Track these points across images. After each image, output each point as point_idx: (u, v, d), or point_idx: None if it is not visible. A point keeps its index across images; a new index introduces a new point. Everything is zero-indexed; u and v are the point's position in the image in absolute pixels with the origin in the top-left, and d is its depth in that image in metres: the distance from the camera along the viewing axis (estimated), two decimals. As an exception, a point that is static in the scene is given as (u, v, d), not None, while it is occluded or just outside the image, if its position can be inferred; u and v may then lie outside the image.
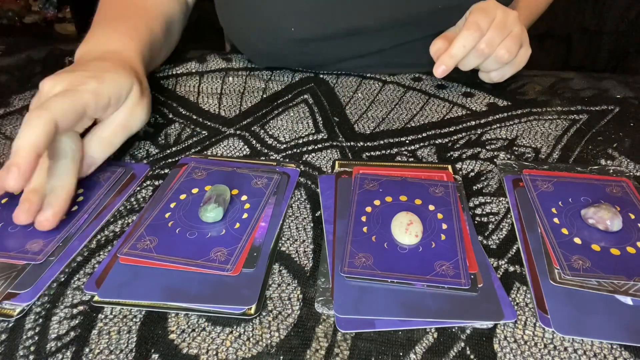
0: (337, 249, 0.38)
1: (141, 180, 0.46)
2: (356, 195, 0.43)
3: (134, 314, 0.34)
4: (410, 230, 0.38)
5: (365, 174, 0.45)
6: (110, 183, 0.45)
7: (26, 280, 0.36)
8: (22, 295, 0.35)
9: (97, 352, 0.31)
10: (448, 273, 0.35)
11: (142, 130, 0.52)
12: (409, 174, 0.46)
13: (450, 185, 0.44)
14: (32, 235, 0.39)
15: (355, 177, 0.45)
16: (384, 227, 0.39)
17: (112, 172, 0.46)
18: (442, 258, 0.37)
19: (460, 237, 0.39)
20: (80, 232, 0.40)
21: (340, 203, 0.42)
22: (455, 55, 0.54)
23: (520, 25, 0.56)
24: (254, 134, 0.52)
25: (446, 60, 0.54)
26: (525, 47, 0.57)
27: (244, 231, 0.39)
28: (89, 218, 0.41)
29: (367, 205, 0.42)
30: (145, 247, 0.38)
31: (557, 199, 0.42)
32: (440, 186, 0.44)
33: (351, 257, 0.37)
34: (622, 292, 0.34)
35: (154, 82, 0.61)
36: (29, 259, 0.37)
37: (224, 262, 0.36)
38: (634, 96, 0.59)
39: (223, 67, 0.64)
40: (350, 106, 0.56)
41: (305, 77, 0.62)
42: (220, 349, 0.32)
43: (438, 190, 0.43)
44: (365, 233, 0.39)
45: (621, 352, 0.31)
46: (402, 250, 0.37)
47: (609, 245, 0.37)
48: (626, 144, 0.50)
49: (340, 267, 0.36)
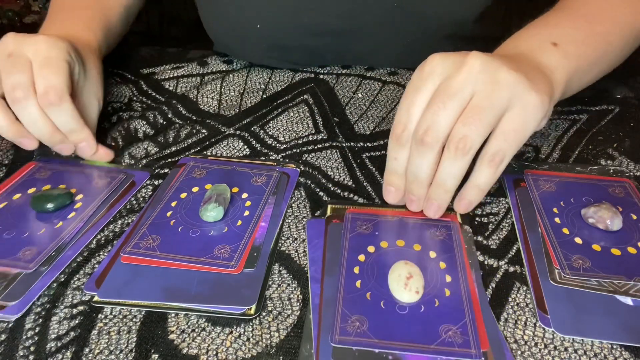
0: (326, 313, 0.33)
1: (140, 187, 0.45)
2: (347, 241, 0.38)
3: (133, 314, 0.34)
4: (410, 286, 0.33)
5: (357, 214, 0.41)
6: (109, 190, 0.44)
7: (16, 292, 0.35)
8: (10, 308, 0.34)
9: (97, 352, 0.31)
10: (456, 340, 0.31)
11: (142, 130, 0.52)
12: (408, 214, 0.40)
13: (452, 226, 0.39)
14: (27, 242, 0.38)
15: (346, 217, 0.40)
16: (379, 280, 0.35)
17: (112, 179, 0.45)
18: (447, 320, 0.32)
19: (467, 293, 0.34)
20: (75, 241, 0.39)
21: (330, 255, 0.37)
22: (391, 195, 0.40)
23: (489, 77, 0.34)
24: (254, 134, 0.52)
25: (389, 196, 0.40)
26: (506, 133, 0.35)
27: (246, 229, 0.39)
28: (84, 227, 0.40)
29: (359, 252, 0.37)
30: (148, 245, 0.38)
31: (559, 199, 0.42)
32: (441, 227, 0.39)
33: (343, 321, 0.32)
34: (622, 292, 0.34)
35: (154, 82, 0.61)
36: (21, 267, 0.36)
37: (228, 259, 0.36)
38: (634, 96, 0.59)
39: (224, 69, 0.64)
40: (350, 106, 0.56)
41: (305, 77, 0.62)
42: (220, 349, 0.32)
43: (439, 233, 0.38)
44: (358, 289, 0.34)
45: (621, 352, 0.31)
46: (401, 310, 0.33)
47: (610, 245, 0.37)
48: (626, 144, 0.50)
49: (331, 335, 0.31)
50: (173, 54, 0.68)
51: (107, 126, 0.53)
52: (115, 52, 0.62)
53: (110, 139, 0.51)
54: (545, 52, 0.40)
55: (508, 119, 0.34)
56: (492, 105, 0.34)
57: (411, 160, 0.36)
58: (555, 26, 0.44)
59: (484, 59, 0.34)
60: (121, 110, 0.56)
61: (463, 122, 0.34)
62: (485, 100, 0.34)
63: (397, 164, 0.38)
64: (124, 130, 0.53)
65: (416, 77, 0.36)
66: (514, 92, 0.34)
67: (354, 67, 0.64)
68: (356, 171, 0.47)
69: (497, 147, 0.35)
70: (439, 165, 0.35)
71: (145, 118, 0.54)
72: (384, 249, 0.37)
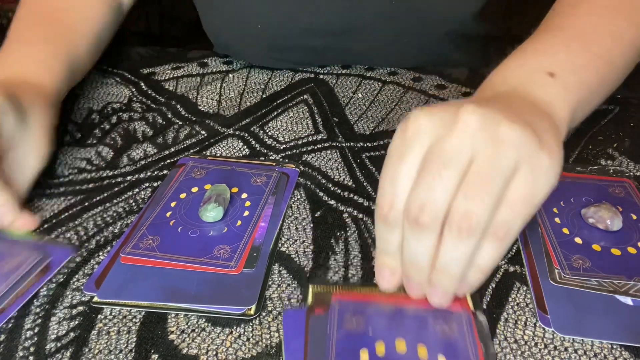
0: None
1: (56, 272, 0.37)
2: (334, 344, 0.30)
3: (133, 315, 0.34)
4: None
5: (346, 303, 0.33)
6: (16, 277, 0.35)
7: None
8: None
9: (96, 353, 0.31)
10: None
11: (141, 131, 0.52)
12: (407, 300, 0.33)
13: (464, 317, 0.32)
14: None
15: (332, 307, 0.33)
16: None
17: (23, 260, 0.37)
18: None
19: None
20: None
21: None
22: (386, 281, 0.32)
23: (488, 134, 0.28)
24: (253, 135, 0.52)
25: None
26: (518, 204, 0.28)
27: (246, 229, 0.39)
28: None
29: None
30: (147, 246, 0.38)
31: (559, 198, 0.42)
32: (450, 319, 0.32)
33: None
34: (622, 292, 0.34)
35: (154, 82, 0.61)
36: None
37: (228, 259, 0.36)
38: (634, 96, 0.59)
39: (224, 69, 0.64)
40: (350, 106, 0.56)
41: (305, 77, 0.62)
42: (220, 349, 0.32)
43: (448, 328, 0.31)
44: None
45: (621, 352, 0.31)
46: None
47: (610, 245, 0.37)
48: (626, 144, 0.50)
49: None
50: (173, 54, 0.68)
51: (107, 127, 0.53)
52: (115, 52, 0.62)
53: (110, 139, 0.51)
54: (542, 86, 0.35)
55: (515, 185, 0.28)
56: (497, 170, 0.27)
57: (406, 243, 0.29)
58: (547, 52, 0.38)
59: (480, 113, 0.28)
60: (121, 110, 0.56)
61: (465, 194, 0.27)
62: (488, 165, 0.27)
63: (389, 245, 0.31)
64: (123, 130, 0.53)
65: (399, 141, 0.30)
66: (520, 152, 0.28)
67: (354, 67, 0.64)
68: (356, 171, 0.47)
69: (502, 220, 0.28)
70: (440, 247, 0.29)
71: (145, 119, 0.54)
72: (380, 358, 0.30)
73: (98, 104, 0.57)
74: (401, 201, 0.29)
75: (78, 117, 0.55)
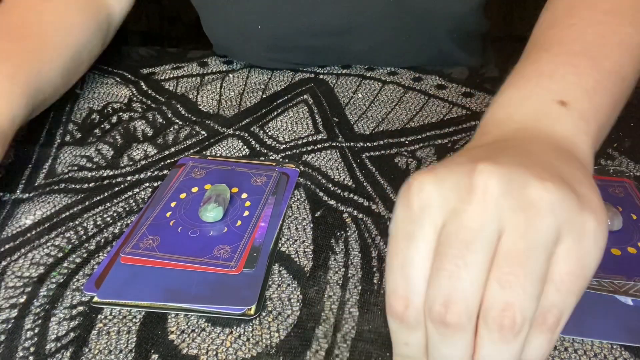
0: None
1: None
2: None
3: (133, 315, 0.34)
4: None
5: None
6: None
7: None
8: None
9: (96, 353, 0.31)
10: None
11: (141, 130, 0.52)
12: None
13: None
14: None
15: None
16: None
17: None
18: None
19: None
20: None
21: None
22: None
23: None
24: (253, 135, 0.52)
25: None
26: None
27: (246, 229, 0.39)
28: None
29: None
30: (147, 246, 0.38)
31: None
32: None
33: None
34: (622, 292, 0.34)
35: (154, 82, 0.61)
36: None
37: (228, 260, 0.36)
38: (634, 96, 0.59)
39: (224, 69, 0.64)
40: (350, 106, 0.56)
41: (305, 77, 0.62)
42: (220, 349, 0.32)
43: None
44: None
45: (621, 352, 0.31)
46: None
47: (610, 245, 0.37)
48: (626, 144, 0.50)
49: None
50: (173, 54, 0.68)
51: (108, 127, 0.53)
52: (115, 52, 0.62)
53: (110, 138, 0.51)
54: (556, 119, 0.30)
55: (560, 259, 0.22)
56: (534, 245, 0.22)
57: (433, 348, 0.24)
58: (554, 75, 0.32)
59: (499, 173, 0.22)
60: (121, 110, 0.56)
61: (499, 281, 0.22)
62: (522, 239, 0.22)
63: (410, 350, 0.25)
64: (123, 130, 0.53)
65: (403, 217, 0.24)
66: (559, 217, 0.22)
67: (354, 67, 0.64)
68: (356, 171, 0.47)
69: (550, 304, 0.22)
70: (476, 349, 0.23)
71: (145, 118, 0.54)
72: None
73: (98, 104, 0.57)
74: (418, 295, 0.23)
75: (78, 117, 0.55)
